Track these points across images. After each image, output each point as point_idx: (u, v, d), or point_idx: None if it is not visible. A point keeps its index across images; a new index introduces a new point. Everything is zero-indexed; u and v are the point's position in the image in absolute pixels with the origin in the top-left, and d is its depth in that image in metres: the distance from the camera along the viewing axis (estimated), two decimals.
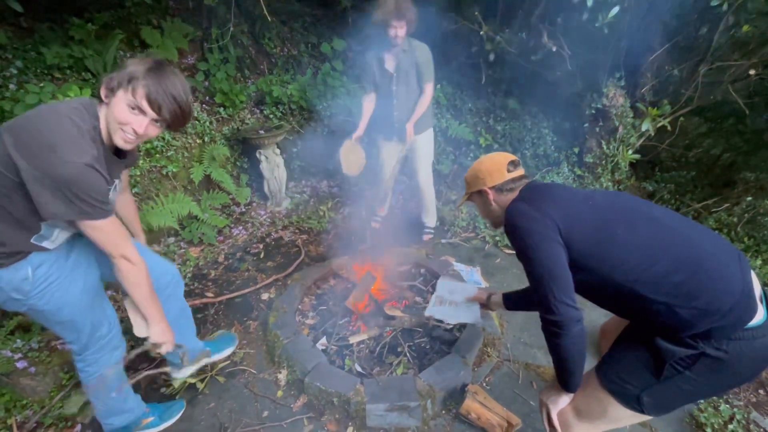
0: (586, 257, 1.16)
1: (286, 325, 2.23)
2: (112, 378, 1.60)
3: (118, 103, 1.21)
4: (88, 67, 3.12)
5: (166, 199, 3.00)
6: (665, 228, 1.15)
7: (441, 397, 1.89)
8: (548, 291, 1.14)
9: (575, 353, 1.16)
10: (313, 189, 4.30)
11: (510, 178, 1.40)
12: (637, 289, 1.09)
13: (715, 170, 4.09)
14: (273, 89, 4.09)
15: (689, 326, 1.05)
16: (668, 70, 3.65)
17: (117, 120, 1.22)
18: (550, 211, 1.20)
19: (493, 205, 1.44)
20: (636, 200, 1.27)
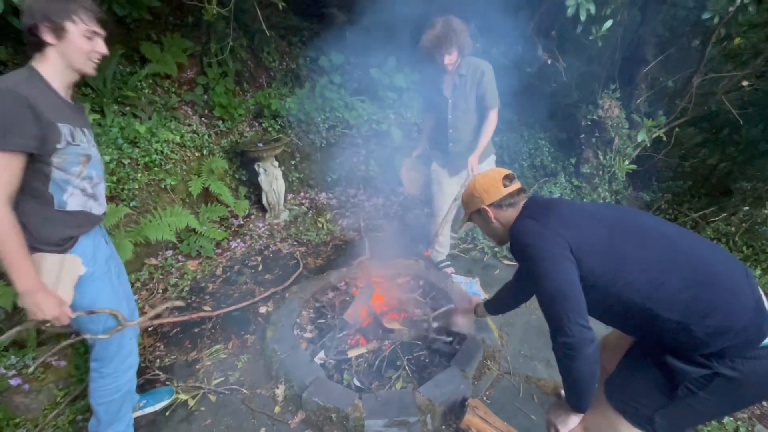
0: (598, 275, 1.13)
1: (283, 339, 2.21)
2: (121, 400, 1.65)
3: (74, 38, 1.24)
4: (88, 82, 3.15)
5: (164, 212, 2.99)
6: (674, 243, 1.13)
7: (441, 412, 1.87)
8: (561, 312, 1.11)
9: (588, 375, 1.13)
10: (311, 201, 4.31)
11: (508, 193, 1.37)
12: (649, 307, 1.07)
13: (712, 180, 4.11)
14: (271, 102, 4.13)
15: (703, 345, 1.03)
16: (662, 81, 3.70)
17: (83, 52, 1.27)
18: (560, 228, 1.18)
19: (494, 223, 1.41)
20: (642, 215, 1.25)
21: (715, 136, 4.05)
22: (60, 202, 1.32)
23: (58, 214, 1.32)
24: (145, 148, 3.08)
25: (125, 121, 3.12)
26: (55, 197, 1.30)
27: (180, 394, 2.05)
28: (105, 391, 1.58)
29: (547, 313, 1.16)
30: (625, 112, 3.60)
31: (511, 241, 1.29)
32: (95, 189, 1.44)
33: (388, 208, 4.23)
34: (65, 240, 1.36)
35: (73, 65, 1.28)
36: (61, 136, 1.25)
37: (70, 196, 1.34)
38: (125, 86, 3.37)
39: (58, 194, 1.31)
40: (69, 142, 1.28)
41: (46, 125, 1.20)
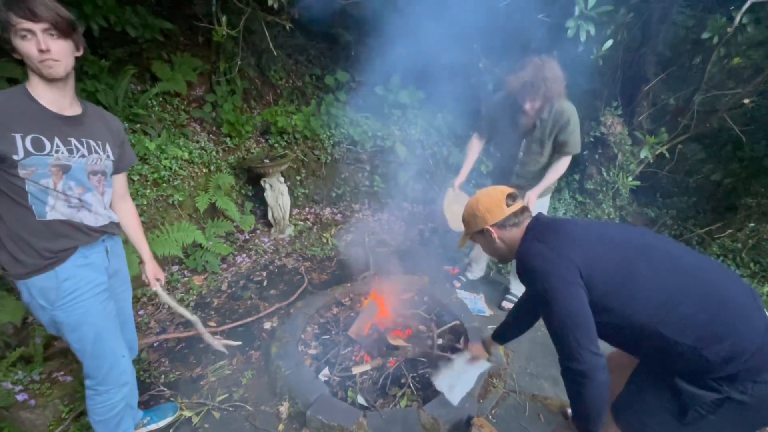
0: (608, 299, 1.11)
1: (288, 355, 2.21)
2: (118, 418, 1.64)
3: (16, 44, 1.21)
4: (100, 101, 3.24)
5: (172, 227, 3.03)
6: (685, 265, 1.11)
7: (446, 431, 1.85)
8: (571, 338, 1.09)
9: (599, 401, 1.12)
10: (316, 216, 4.35)
11: (511, 213, 1.33)
12: (660, 331, 1.06)
13: (717, 196, 4.11)
14: (278, 119, 4.21)
15: (715, 369, 1.02)
16: (664, 98, 3.74)
17: (28, 57, 1.22)
18: (568, 251, 1.15)
19: (497, 243, 1.37)
20: (649, 234, 1.24)
21: (718, 153, 4.07)
22: (41, 213, 1.31)
23: (40, 225, 1.32)
24: (154, 164, 3.14)
25: (135, 138, 3.19)
26: (35, 208, 1.30)
27: (184, 411, 2.05)
28: (101, 409, 1.57)
29: (557, 339, 1.14)
30: (628, 129, 3.63)
31: (518, 264, 1.26)
32: (84, 197, 1.40)
33: (392, 224, 4.25)
34: (54, 253, 1.35)
35: (35, 72, 1.26)
36: (15, 146, 1.23)
37: (52, 209, 1.33)
38: (136, 104, 3.46)
39: (38, 206, 1.31)
40: (30, 152, 1.25)
41: None
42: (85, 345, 1.47)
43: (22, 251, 1.32)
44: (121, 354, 1.57)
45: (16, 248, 1.32)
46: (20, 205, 1.29)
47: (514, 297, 2.92)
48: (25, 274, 1.33)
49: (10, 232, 1.31)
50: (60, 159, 1.32)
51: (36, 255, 1.33)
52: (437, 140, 4.61)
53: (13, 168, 1.25)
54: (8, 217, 1.30)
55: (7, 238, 1.31)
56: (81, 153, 1.37)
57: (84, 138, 1.38)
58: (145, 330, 2.63)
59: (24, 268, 1.33)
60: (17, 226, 1.31)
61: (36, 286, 1.35)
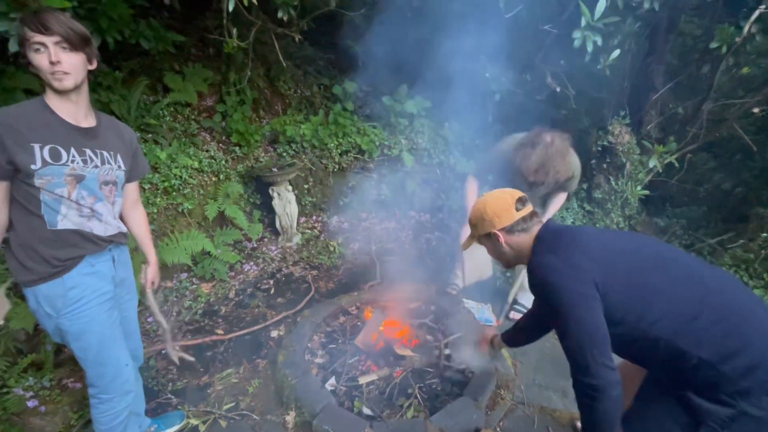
0: (624, 311, 1.09)
1: (295, 364, 2.21)
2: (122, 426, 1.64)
3: (30, 56, 1.26)
4: (114, 111, 3.31)
5: (181, 235, 3.07)
6: (700, 277, 1.10)
7: None
8: (586, 353, 1.08)
9: (612, 417, 1.10)
10: (323, 225, 4.37)
11: (520, 218, 1.31)
12: (676, 344, 1.04)
13: (728, 205, 4.06)
14: (286, 129, 4.26)
15: (730, 383, 1.00)
16: (672, 108, 3.72)
17: (40, 69, 1.26)
18: (583, 263, 1.13)
19: (504, 247, 1.35)
20: (662, 245, 1.22)
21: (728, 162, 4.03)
22: (52, 222, 1.34)
23: (50, 234, 1.35)
24: (165, 173, 3.19)
25: (147, 147, 3.25)
26: (47, 218, 1.33)
27: (191, 419, 2.05)
28: (105, 417, 1.58)
29: (571, 353, 1.13)
30: (636, 138, 3.62)
31: (532, 278, 1.23)
32: (96, 207, 1.43)
33: (399, 232, 4.26)
34: (62, 261, 1.37)
35: (47, 84, 1.30)
36: (34, 156, 1.26)
37: (64, 218, 1.36)
38: (148, 114, 3.52)
39: (50, 215, 1.33)
40: (47, 162, 1.28)
41: (13, 148, 1.24)
42: (88, 353, 1.48)
43: (30, 259, 1.35)
44: (124, 363, 1.58)
45: (25, 256, 1.35)
46: (33, 214, 1.32)
47: (522, 307, 2.90)
48: (32, 281, 1.36)
49: (21, 240, 1.34)
50: (75, 169, 1.36)
51: (44, 263, 1.36)
52: (444, 149, 4.62)
53: (30, 177, 1.28)
54: (20, 226, 1.34)
55: (17, 246, 1.35)
56: (94, 163, 1.41)
57: (98, 149, 1.42)
58: (153, 337, 2.65)
59: (32, 275, 1.35)
60: (28, 235, 1.34)
61: (43, 294, 1.38)
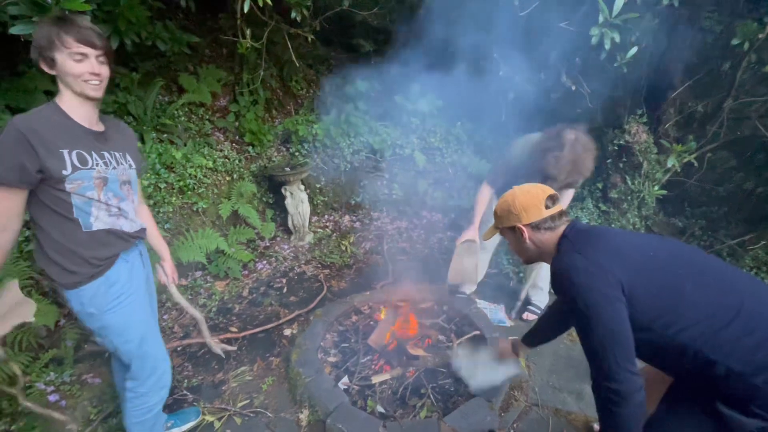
0: (652, 317, 1.06)
1: (308, 362, 2.23)
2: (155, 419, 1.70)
3: (64, 63, 1.27)
4: (131, 111, 3.37)
5: (196, 234, 3.11)
6: (733, 283, 1.07)
7: None
8: (610, 357, 1.05)
9: (635, 423, 1.08)
10: (335, 224, 4.38)
11: (549, 216, 1.26)
12: (705, 353, 1.00)
13: (749, 205, 3.95)
14: (299, 128, 4.28)
15: (762, 395, 0.96)
16: (691, 106, 3.64)
17: (74, 75, 1.29)
18: (611, 265, 1.09)
19: (527, 243, 1.31)
20: (696, 251, 1.18)
21: (750, 161, 3.92)
22: (87, 224, 1.37)
23: (86, 236, 1.38)
24: (180, 173, 3.24)
25: (163, 147, 3.30)
26: (81, 221, 1.36)
27: (206, 416, 2.08)
28: (140, 411, 1.63)
29: (594, 356, 1.10)
30: (654, 137, 3.55)
31: (556, 278, 1.18)
32: (121, 206, 1.47)
33: (411, 232, 4.25)
34: (102, 260, 1.42)
35: (73, 90, 1.32)
36: (64, 162, 1.29)
37: (96, 219, 1.39)
38: (164, 114, 3.58)
39: (84, 218, 1.36)
40: (77, 167, 1.31)
41: (44, 154, 1.24)
42: (132, 347, 1.53)
43: (72, 262, 1.37)
44: (163, 356, 1.65)
45: (66, 260, 1.37)
46: (66, 218, 1.34)
47: (536, 308, 2.87)
48: (77, 282, 1.39)
49: (57, 245, 1.35)
50: (100, 172, 1.40)
51: (87, 264, 1.39)
52: (456, 148, 4.61)
53: (60, 183, 1.30)
54: (55, 232, 1.35)
55: (54, 252, 1.36)
56: (113, 165, 1.45)
57: (111, 150, 1.46)
58: (168, 334, 2.69)
59: (77, 278, 1.38)
60: (65, 240, 1.36)
61: (87, 295, 1.41)
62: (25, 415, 1.97)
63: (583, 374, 2.38)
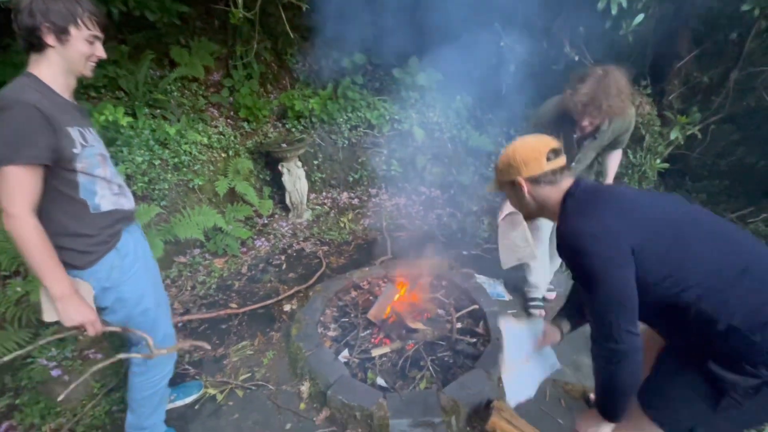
0: (658, 277, 1.04)
1: (308, 337, 2.25)
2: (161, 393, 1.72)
3: (77, 42, 1.24)
4: (122, 86, 3.28)
5: (193, 211, 3.09)
6: (739, 242, 1.05)
7: (465, 414, 1.86)
8: (613, 320, 1.05)
9: (630, 383, 1.09)
10: (333, 201, 4.35)
11: (550, 170, 1.19)
12: (709, 312, 0.99)
13: (751, 179, 3.92)
14: (295, 103, 4.19)
15: (758, 353, 0.96)
16: (697, 77, 3.56)
17: (83, 55, 1.27)
18: (619, 226, 1.06)
19: (527, 198, 1.24)
20: (704, 212, 1.15)
21: (754, 134, 3.87)
22: (94, 205, 1.34)
23: (95, 217, 1.35)
24: (174, 149, 3.18)
25: (156, 123, 3.23)
26: (88, 202, 1.32)
27: (208, 389, 2.11)
28: (149, 383, 1.64)
29: (597, 318, 1.10)
30: (657, 109, 3.48)
31: (562, 242, 1.15)
32: (120, 183, 1.47)
33: (409, 208, 4.23)
34: (112, 236, 1.41)
35: (73, 68, 1.29)
36: (74, 140, 1.25)
37: (102, 198, 1.36)
38: (156, 89, 3.49)
39: (91, 198, 1.33)
40: (83, 145, 1.29)
41: (58, 132, 1.20)
42: (148, 316, 1.54)
43: (86, 244, 1.34)
44: (171, 328, 1.68)
45: (79, 243, 1.32)
46: (73, 199, 1.30)
47: (538, 301, 2.69)
48: (93, 260, 1.36)
49: (66, 230, 1.30)
50: (98, 148, 1.37)
51: (99, 243, 1.37)
52: (456, 123, 4.52)
53: (71, 162, 1.25)
54: (64, 217, 1.29)
55: (63, 238, 1.29)
56: (98, 141, 1.42)
57: (89, 127, 1.41)
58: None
59: (92, 256, 1.36)
60: (75, 223, 1.31)
61: (103, 270, 1.38)
62: (29, 390, 2.00)
63: (581, 346, 2.40)
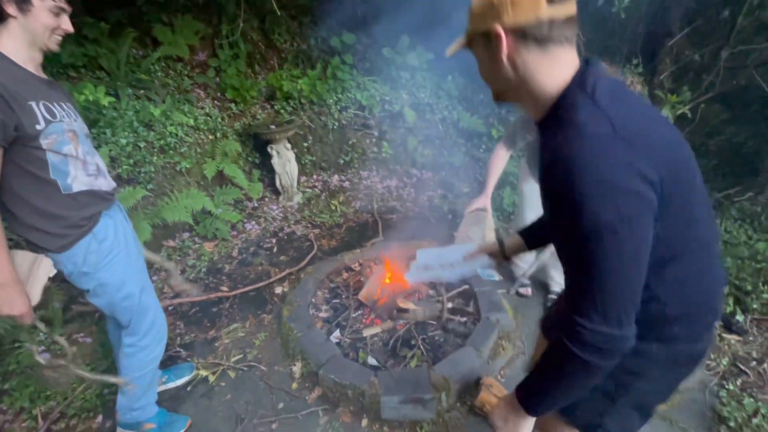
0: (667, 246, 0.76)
1: (299, 318, 2.25)
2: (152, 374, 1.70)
3: (40, 13, 1.21)
4: (102, 66, 3.18)
5: (180, 194, 3.04)
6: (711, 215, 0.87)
7: (455, 390, 1.89)
8: (613, 295, 0.71)
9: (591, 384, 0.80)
10: (324, 184, 4.32)
11: (548, 18, 0.72)
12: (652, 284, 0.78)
13: (739, 159, 3.96)
14: (283, 84, 4.10)
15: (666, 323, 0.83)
16: (688, 55, 3.54)
17: (47, 27, 1.23)
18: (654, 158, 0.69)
19: (503, 64, 0.78)
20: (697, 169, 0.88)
21: (742, 114, 3.88)
22: (65, 186, 1.30)
23: (67, 198, 1.31)
24: (159, 131, 3.11)
25: (140, 104, 3.15)
26: (59, 182, 1.28)
27: (200, 370, 2.11)
28: (139, 363, 1.63)
29: (584, 291, 0.73)
30: (648, 89, 3.47)
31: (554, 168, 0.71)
32: (97, 163, 1.42)
33: (400, 190, 4.21)
34: (85, 219, 1.37)
35: (37, 41, 1.23)
36: (36, 115, 1.20)
37: (74, 180, 1.32)
38: (138, 69, 3.39)
39: (62, 178, 1.29)
40: (49, 120, 1.23)
41: (17, 108, 1.15)
42: (133, 301, 1.53)
43: (58, 226, 1.31)
44: (160, 307, 1.66)
45: (50, 225, 1.30)
46: (44, 180, 1.26)
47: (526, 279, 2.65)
48: (65, 245, 1.33)
49: (38, 211, 1.28)
50: (68, 123, 1.31)
51: (73, 227, 1.34)
52: (447, 104, 4.48)
53: (35, 140, 1.21)
54: (32, 197, 1.26)
55: (35, 218, 1.28)
56: (73, 117, 1.36)
57: (61, 101, 1.35)
58: (159, 295, 2.68)
59: (64, 240, 1.33)
60: (45, 204, 1.28)
61: (80, 254, 1.36)
62: (18, 374, 1.98)
63: None
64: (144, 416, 1.74)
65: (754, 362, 2.17)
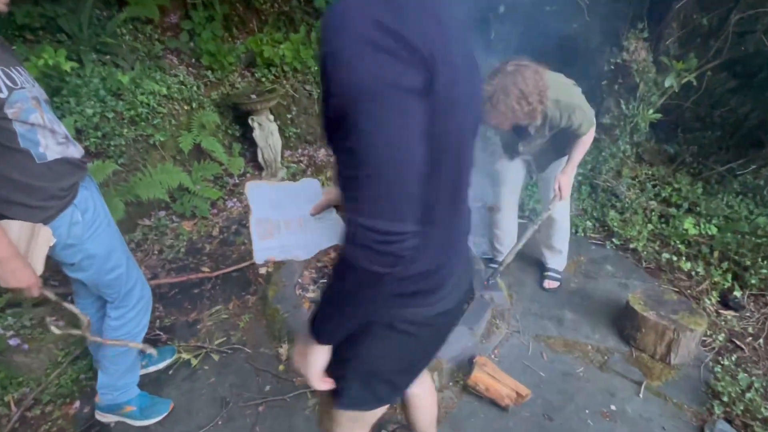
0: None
1: (286, 298, 2.25)
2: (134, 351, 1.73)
3: None
4: (62, 27, 3.03)
5: (155, 170, 2.97)
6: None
7: (448, 369, 1.93)
8: (399, 184, 0.60)
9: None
10: (310, 158, 4.26)
11: None
12: None
13: (743, 130, 3.99)
14: (264, 49, 3.97)
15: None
16: (696, 19, 3.50)
17: None
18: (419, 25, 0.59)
19: None
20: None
21: (749, 82, 3.89)
22: (39, 154, 1.28)
23: (43, 168, 1.29)
24: (129, 100, 3.00)
25: (106, 71, 3.02)
26: (32, 151, 1.26)
27: (182, 354, 2.12)
28: (129, 336, 1.65)
29: (356, 191, 0.60)
30: (654, 55, 3.44)
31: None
32: (64, 131, 1.41)
33: None
34: (65, 190, 1.35)
35: None
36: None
37: (46, 148, 1.30)
38: (103, 32, 3.24)
39: (34, 148, 1.27)
40: (11, 87, 1.20)
41: None
42: (121, 271, 1.55)
43: (38, 198, 1.29)
44: (143, 279, 1.70)
45: (29, 197, 1.28)
46: (14, 150, 1.23)
47: (555, 273, 2.60)
48: (49, 217, 1.32)
49: (14, 183, 1.25)
50: (29, 90, 1.27)
51: (53, 198, 1.32)
52: None
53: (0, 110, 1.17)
54: (8, 170, 1.23)
55: (12, 192, 1.25)
56: (31, 83, 1.32)
57: (17, 66, 1.30)
58: None
59: (46, 212, 1.31)
60: (21, 175, 1.25)
61: (63, 225, 1.36)
62: None
63: (564, 302, 2.50)
64: (124, 398, 1.76)
65: (750, 338, 2.25)
